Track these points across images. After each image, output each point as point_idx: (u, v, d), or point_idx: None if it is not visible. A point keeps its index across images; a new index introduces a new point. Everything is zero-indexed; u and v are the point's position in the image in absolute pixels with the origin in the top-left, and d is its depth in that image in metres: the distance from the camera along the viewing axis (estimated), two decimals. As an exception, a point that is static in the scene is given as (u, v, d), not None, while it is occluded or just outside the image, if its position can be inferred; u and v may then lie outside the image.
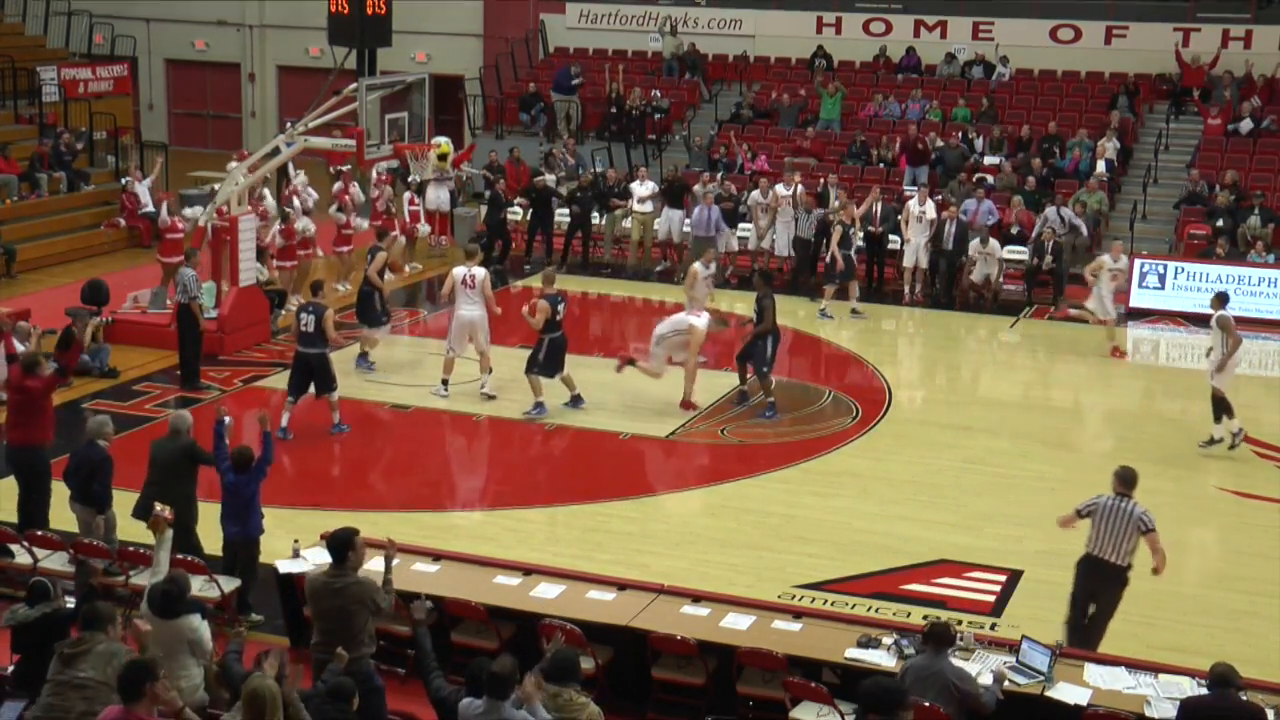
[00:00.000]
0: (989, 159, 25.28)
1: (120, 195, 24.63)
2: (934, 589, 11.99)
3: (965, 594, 11.87)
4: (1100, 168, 24.48)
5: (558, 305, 15.83)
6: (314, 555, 10.69)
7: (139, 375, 17.17)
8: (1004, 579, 12.17)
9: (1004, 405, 17.56)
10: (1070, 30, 28.54)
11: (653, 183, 23.64)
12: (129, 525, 11.27)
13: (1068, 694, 8.97)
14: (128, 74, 29.18)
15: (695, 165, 25.64)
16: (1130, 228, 23.65)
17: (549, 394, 16.11)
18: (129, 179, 24.78)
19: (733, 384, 16.93)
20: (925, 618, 10.92)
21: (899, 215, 22.14)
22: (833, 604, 11.35)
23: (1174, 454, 15.54)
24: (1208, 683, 8.53)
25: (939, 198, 23.13)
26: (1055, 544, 12.88)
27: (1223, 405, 15.53)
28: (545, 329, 15.81)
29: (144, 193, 24.32)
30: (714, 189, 23.01)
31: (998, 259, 21.68)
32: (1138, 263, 21.88)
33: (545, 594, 10.22)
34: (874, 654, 9.36)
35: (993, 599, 11.79)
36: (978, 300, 21.80)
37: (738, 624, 9.85)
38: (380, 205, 22.46)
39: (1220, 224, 22.70)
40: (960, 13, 29.20)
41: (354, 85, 18.27)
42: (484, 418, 16.01)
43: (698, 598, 10.31)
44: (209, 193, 20.99)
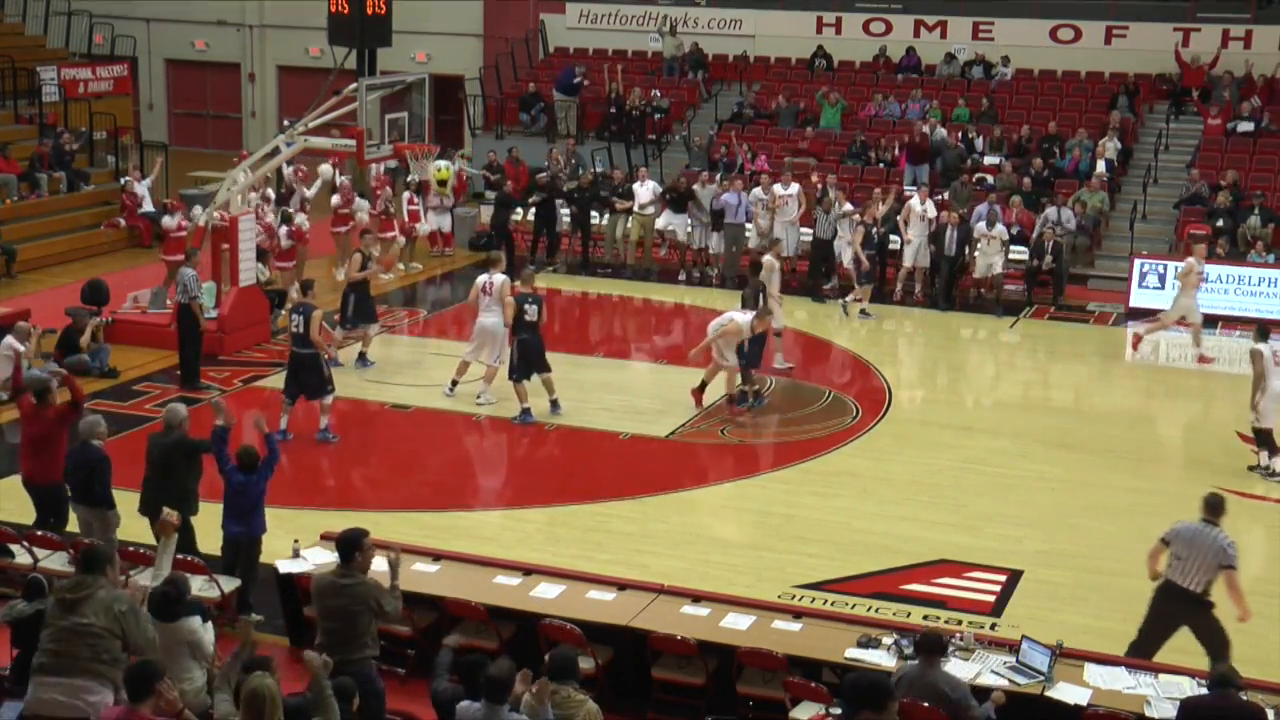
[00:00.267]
0: (989, 159, 25.27)
1: (120, 195, 24.63)
2: (934, 589, 11.98)
3: (965, 594, 11.86)
4: (1100, 168, 24.47)
5: (524, 305, 15.57)
6: (314, 555, 10.70)
7: (139, 375, 17.18)
8: (1004, 579, 12.16)
9: (1004, 405, 17.56)
10: (1070, 30, 28.52)
11: (653, 183, 23.60)
12: (130, 525, 11.28)
13: (1068, 694, 8.97)
14: (128, 74, 29.16)
15: (695, 165, 25.61)
16: (1130, 228, 23.65)
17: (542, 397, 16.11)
18: (128, 179, 24.78)
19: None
20: (925, 618, 10.95)
21: (898, 215, 22.10)
22: (833, 604, 11.34)
23: (1174, 454, 15.56)
24: (1208, 683, 8.54)
25: (939, 197, 23.12)
26: (1055, 544, 12.97)
27: (1267, 439, 14.93)
28: (515, 330, 15.68)
29: (144, 193, 24.34)
30: (714, 189, 23.00)
31: (1001, 242, 21.44)
32: (1137, 263, 21.89)
33: (545, 594, 10.21)
34: (874, 654, 9.36)
35: (993, 599, 11.79)
36: (978, 300, 21.76)
37: (738, 624, 9.85)
38: (379, 205, 22.44)
39: (1220, 224, 22.69)
40: (960, 13, 29.18)
41: (354, 85, 18.28)
42: (484, 418, 16.02)
43: (698, 598, 10.30)
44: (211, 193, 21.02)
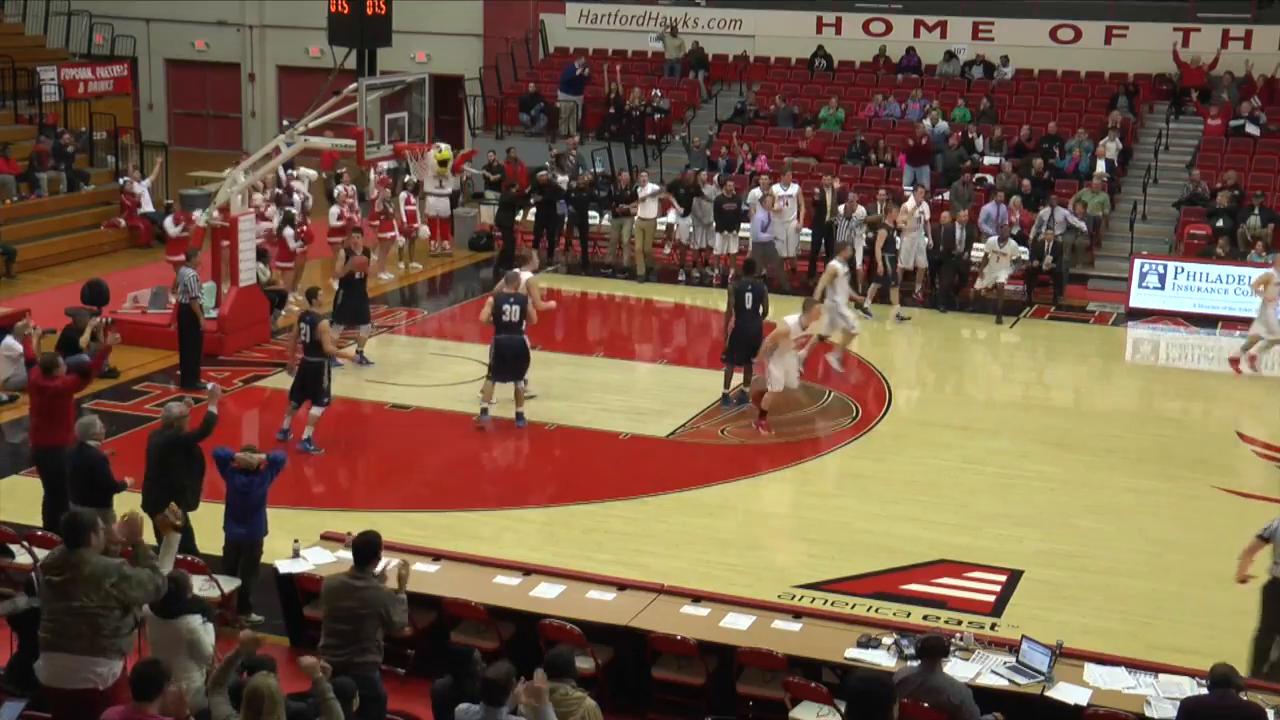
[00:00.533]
0: (989, 159, 25.27)
1: (120, 195, 24.62)
2: (934, 589, 11.97)
3: (965, 594, 11.85)
4: (1100, 168, 24.46)
5: (502, 305, 15.31)
6: (314, 555, 10.70)
7: (139, 375, 17.18)
8: (1004, 579, 12.15)
9: (1004, 405, 17.56)
10: (1070, 30, 28.50)
11: (654, 184, 23.53)
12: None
13: (1068, 694, 8.97)
14: (128, 74, 29.17)
15: (695, 165, 25.58)
16: (1130, 228, 23.64)
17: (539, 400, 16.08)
18: (127, 179, 24.77)
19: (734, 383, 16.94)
20: (925, 618, 10.94)
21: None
22: (833, 604, 11.33)
23: (1174, 454, 15.55)
24: (1208, 683, 8.52)
25: (939, 197, 23.09)
26: (1055, 544, 12.96)
27: None
28: (496, 330, 15.48)
29: (143, 192, 24.33)
30: (714, 190, 22.99)
31: (1010, 260, 21.27)
32: (1137, 263, 21.89)
33: (545, 594, 10.21)
34: (874, 654, 9.36)
35: (993, 599, 11.78)
36: (977, 300, 21.68)
37: (738, 624, 9.85)
38: (378, 206, 22.45)
39: (1220, 224, 22.69)
40: (960, 13, 29.17)
41: (354, 85, 18.27)
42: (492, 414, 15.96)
43: (698, 598, 10.30)
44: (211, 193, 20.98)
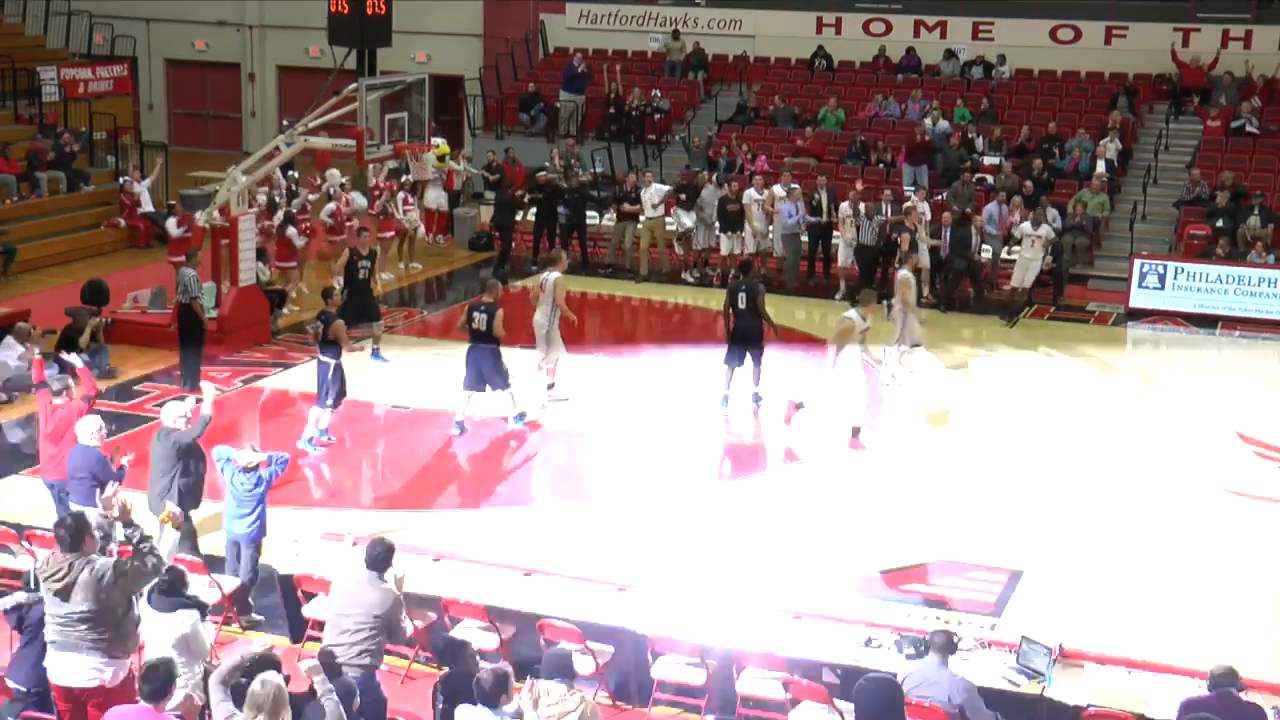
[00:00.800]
0: (989, 159, 25.26)
1: (120, 194, 24.61)
2: (934, 589, 11.98)
3: (965, 594, 11.85)
4: (1100, 168, 24.45)
5: (473, 313, 15.14)
6: (314, 555, 10.70)
7: (139, 375, 17.18)
8: (1004, 579, 12.16)
9: (1004, 405, 17.55)
10: (1070, 30, 28.50)
11: (658, 185, 23.44)
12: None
13: (1068, 694, 8.97)
14: (128, 74, 29.15)
15: (695, 165, 25.60)
16: (1130, 228, 23.64)
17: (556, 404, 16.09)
18: (127, 178, 24.77)
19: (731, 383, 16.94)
20: (925, 618, 10.94)
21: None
22: (833, 604, 11.33)
23: (1174, 454, 15.55)
24: (1208, 683, 8.53)
25: (938, 197, 23.09)
26: (1055, 544, 12.94)
27: None
28: (470, 339, 15.33)
29: (143, 191, 24.32)
30: (714, 190, 22.98)
31: (1045, 242, 21.00)
32: (1137, 263, 21.88)
33: (545, 594, 10.22)
34: (874, 654, 9.36)
35: (993, 599, 11.78)
36: (979, 304, 21.58)
37: (738, 624, 9.84)
38: (376, 207, 22.45)
39: (1220, 224, 22.69)
40: (960, 13, 29.17)
41: (354, 85, 18.28)
42: (495, 417, 15.95)
43: (698, 598, 10.29)
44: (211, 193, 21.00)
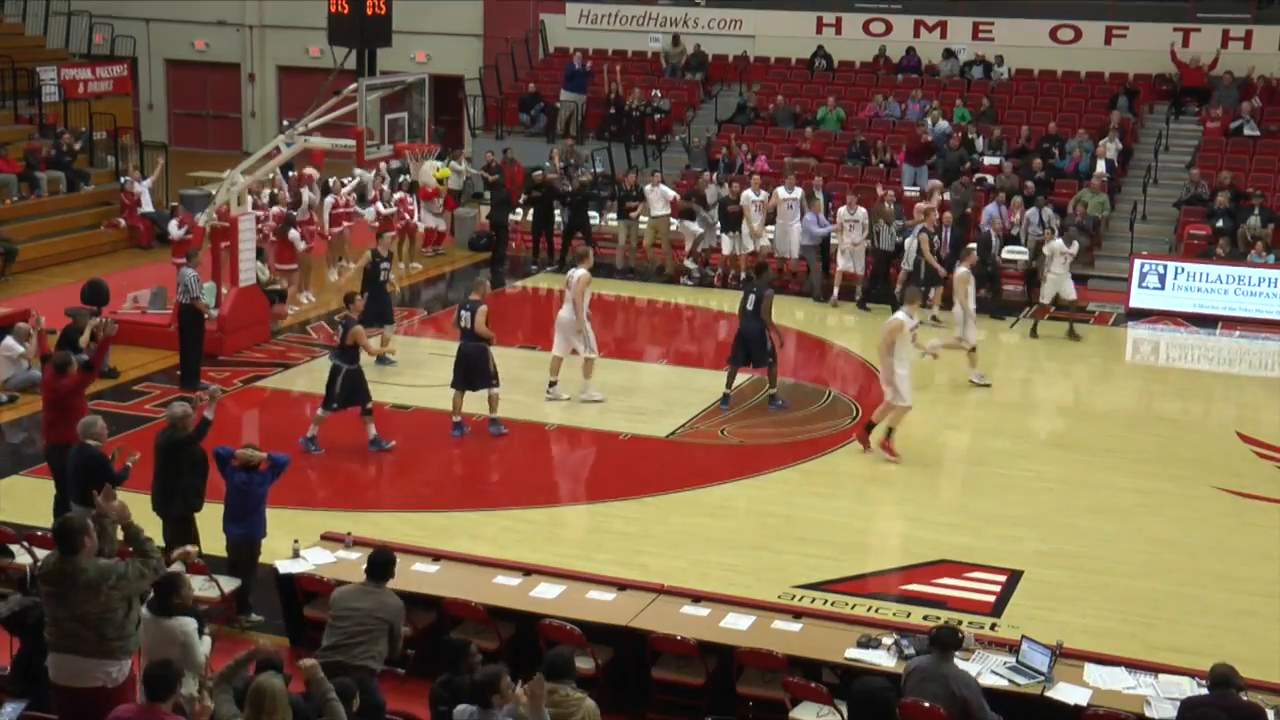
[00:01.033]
0: (989, 159, 25.27)
1: (120, 194, 24.61)
2: (934, 589, 11.97)
3: (965, 594, 11.85)
4: (1100, 168, 24.45)
5: (460, 312, 15.22)
6: (314, 555, 10.70)
7: (139, 375, 17.18)
8: (1004, 579, 12.15)
9: (1003, 405, 17.55)
10: (1070, 30, 28.51)
11: (664, 188, 23.40)
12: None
13: (1068, 694, 8.97)
14: (128, 74, 29.16)
15: (695, 165, 25.61)
16: (1130, 228, 23.64)
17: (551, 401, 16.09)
18: (127, 178, 24.76)
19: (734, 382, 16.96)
20: (925, 618, 10.94)
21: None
22: (833, 604, 11.32)
23: (1174, 454, 15.55)
24: (1208, 683, 8.53)
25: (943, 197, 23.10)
26: (1055, 544, 12.96)
27: None
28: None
29: (143, 190, 24.31)
30: (715, 190, 22.99)
31: (1073, 256, 20.06)
32: (1138, 263, 21.89)
33: (545, 594, 10.22)
34: (874, 654, 9.36)
35: (993, 599, 11.77)
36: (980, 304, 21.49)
37: (738, 624, 9.85)
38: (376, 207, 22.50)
39: (1220, 224, 22.69)
40: (960, 13, 29.18)
41: (354, 85, 18.28)
42: (483, 417, 15.98)
43: (698, 598, 10.30)
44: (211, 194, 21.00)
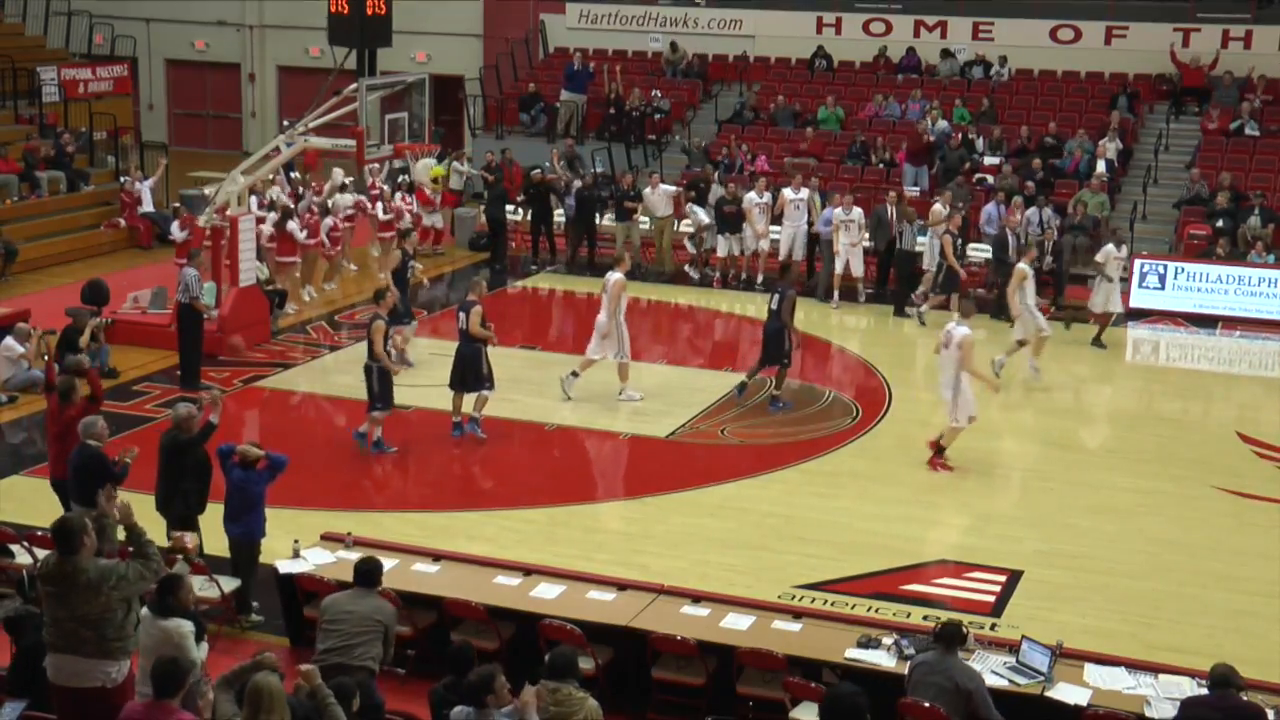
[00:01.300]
0: (989, 159, 25.26)
1: (120, 194, 24.62)
2: (934, 589, 11.99)
3: (965, 594, 11.86)
4: (1100, 168, 24.45)
5: (458, 312, 15.17)
6: (314, 555, 10.71)
7: (139, 375, 17.18)
8: (1004, 579, 12.16)
9: (1004, 405, 17.53)
10: (1070, 30, 28.51)
11: (666, 186, 23.40)
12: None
13: (1068, 694, 8.97)
14: (128, 74, 29.17)
15: (695, 166, 25.61)
16: (1130, 228, 23.63)
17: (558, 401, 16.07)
18: (128, 178, 24.76)
19: (734, 382, 16.95)
20: (925, 618, 10.94)
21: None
22: (833, 604, 11.33)
23: (1173, 454, 15.55)
24: (1208, 683, 8.53)
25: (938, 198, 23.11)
26: (1055, 544, 12.96)
27: None
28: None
29: (144, 190, 24.32)
30: (715, 189, 23.01)
31: (1118, 261, 19.36)
32: (1138, 263, 21.88)
33: (545, 594, 10.22)
34: (874, 654, 9.36)
35: (993, 599, 11.78)
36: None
37: (738, 624, 9.85)
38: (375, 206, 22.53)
39: (1220, 225, 22.69)
40: (960, 13, 29.18)
41: (354, 85, 18.29)
42: (482, 418, 15.98)
43: (698, 598, 10.30)
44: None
